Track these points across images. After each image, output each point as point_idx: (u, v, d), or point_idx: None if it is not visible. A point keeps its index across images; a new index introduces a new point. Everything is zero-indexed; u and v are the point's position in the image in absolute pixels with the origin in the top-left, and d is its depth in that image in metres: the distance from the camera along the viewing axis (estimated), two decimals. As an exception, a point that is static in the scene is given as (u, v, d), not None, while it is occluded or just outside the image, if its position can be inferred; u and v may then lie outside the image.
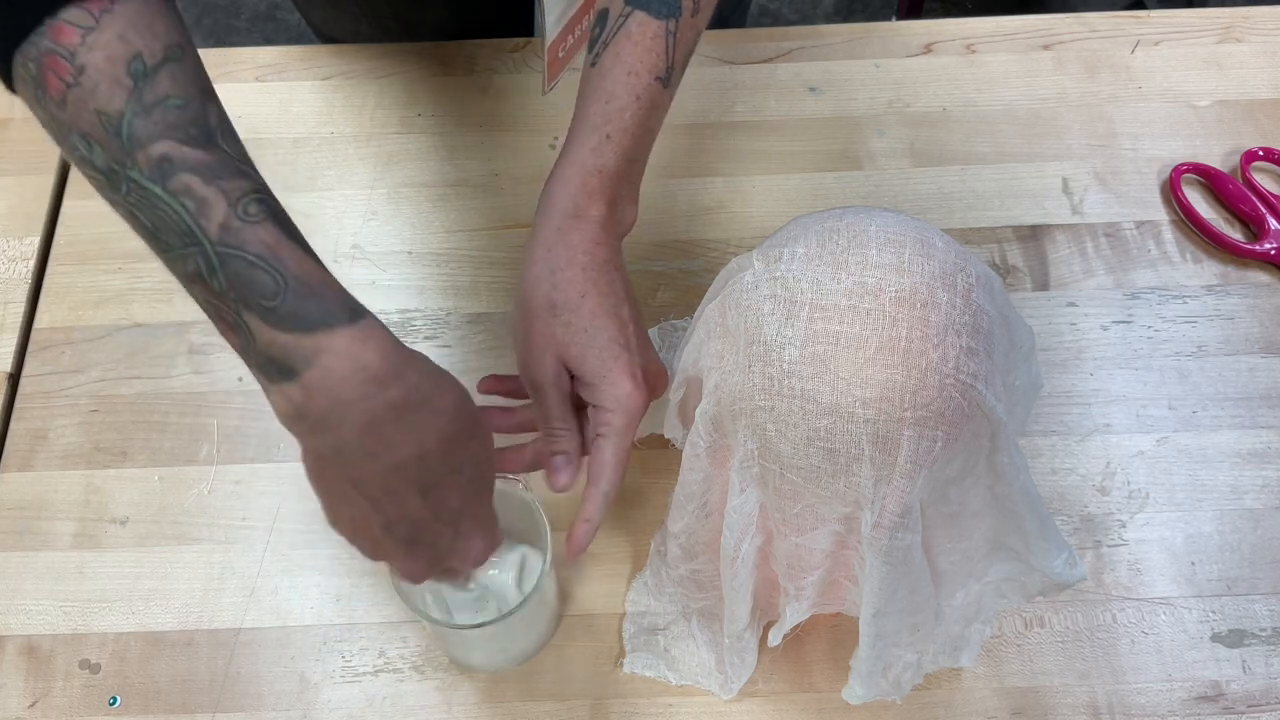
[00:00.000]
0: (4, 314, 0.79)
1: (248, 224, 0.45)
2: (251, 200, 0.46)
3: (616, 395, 0.57)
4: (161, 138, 0.44)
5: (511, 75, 0.89)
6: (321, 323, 0.46)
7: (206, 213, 0.45)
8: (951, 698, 0.66)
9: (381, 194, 0.84)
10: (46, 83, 0.44)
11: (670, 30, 0.58)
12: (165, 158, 0.44)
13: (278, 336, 0.46)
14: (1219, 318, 0.78)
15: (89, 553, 0.71)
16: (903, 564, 0.55)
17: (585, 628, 0.68)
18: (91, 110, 0.44)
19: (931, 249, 0.53)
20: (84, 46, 0.43)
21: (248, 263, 0.45)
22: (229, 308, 0.46)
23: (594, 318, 0.57)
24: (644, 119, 0.59)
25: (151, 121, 0.44)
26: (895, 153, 0.85)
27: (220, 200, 0.45)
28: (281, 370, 0.46)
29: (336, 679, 0.67)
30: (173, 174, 0.44)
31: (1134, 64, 0.89)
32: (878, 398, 0.50)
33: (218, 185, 0.45)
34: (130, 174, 0.44)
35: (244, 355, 0.47)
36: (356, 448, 0.48)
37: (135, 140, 0.44)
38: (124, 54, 0.44)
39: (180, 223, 0.45)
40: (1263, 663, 0.66)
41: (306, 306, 0.46)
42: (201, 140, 0.45)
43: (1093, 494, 0.72)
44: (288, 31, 1.96)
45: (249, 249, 0.45)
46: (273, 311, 0.45)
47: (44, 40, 0.43)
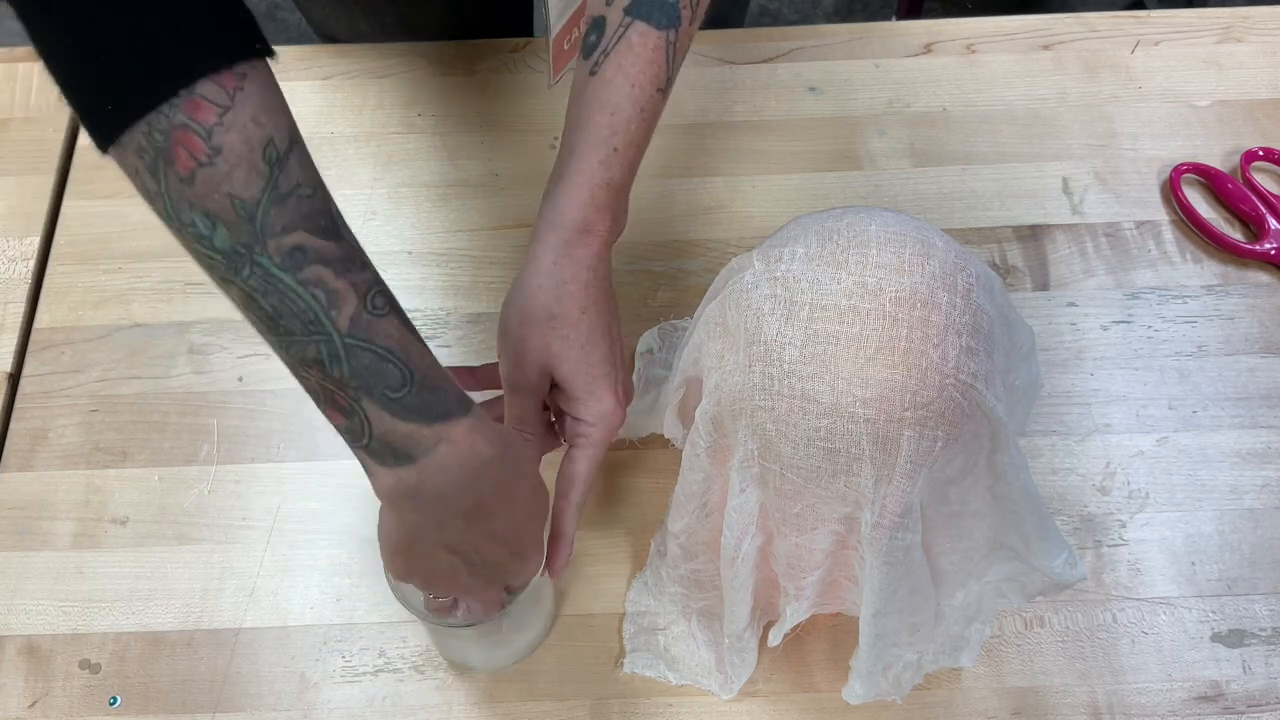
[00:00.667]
0: (4, 314, 0.79)
1: (376, 317, 0.46)
2: (378, 294, 0.47)
3: (600, 411, 0.59)
4: (296, 228, 0.45)
5: (511, 75, 0.89)
6: (444, 414, 0.48)
7: (337, 305, 0.46)
8: (951, 698, 0.66)
9: (381, 194, 0.84)
10: (175, 157, 0.43)
11: (671, 41, 0.58)
12: (299, 248, 0.45)
13: (399, 425, 0.48)
14: (1219, 318, 0.78)
15: (89, 553, 0.71)
16: (903, 564, 0.55)
17: (585, 628, 0.68)
18: (224, 193, 0.43)
19: (931, 249, 0.53)
20: (221, 127, 0.43)
21: (377, 355, 0.46)
22: (346, 395, 0.47)
23: (591, 334, 0.58)
24: (646, 131, 0.59)
25: (286, 210, 0.44)
26: (895, 153, 0.85)
27: (351, 294, 0.46)
28: (398, 456, 0.48)
29: (336, 679, 0.67)
30: (305, 264, 0.45)
31: (1134, 64, 0.89)
32: (878, 398, 0.50)
33: (348, 278, 0.46)
34: (259, 259, 0.44)
35: (351, 437, 0.49)
36: (460, 522, 0.52)
37: (269, 228, 0.44)
38: (259, 138, 0.43)
39: (309, 312, 0.45)
40: (1263, 663, 0.66)
41: (431, 399, 0.48)
42: (330, 231, 0.46)
43: (1093, 494, 0.72)
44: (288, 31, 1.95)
45: (379, 342, 0.47)
46: (398, 402, 0.47)
47: (178, 114, 0.42)
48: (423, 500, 0.50)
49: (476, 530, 0.53)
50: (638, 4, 0.57)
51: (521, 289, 0.58)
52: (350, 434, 0.49)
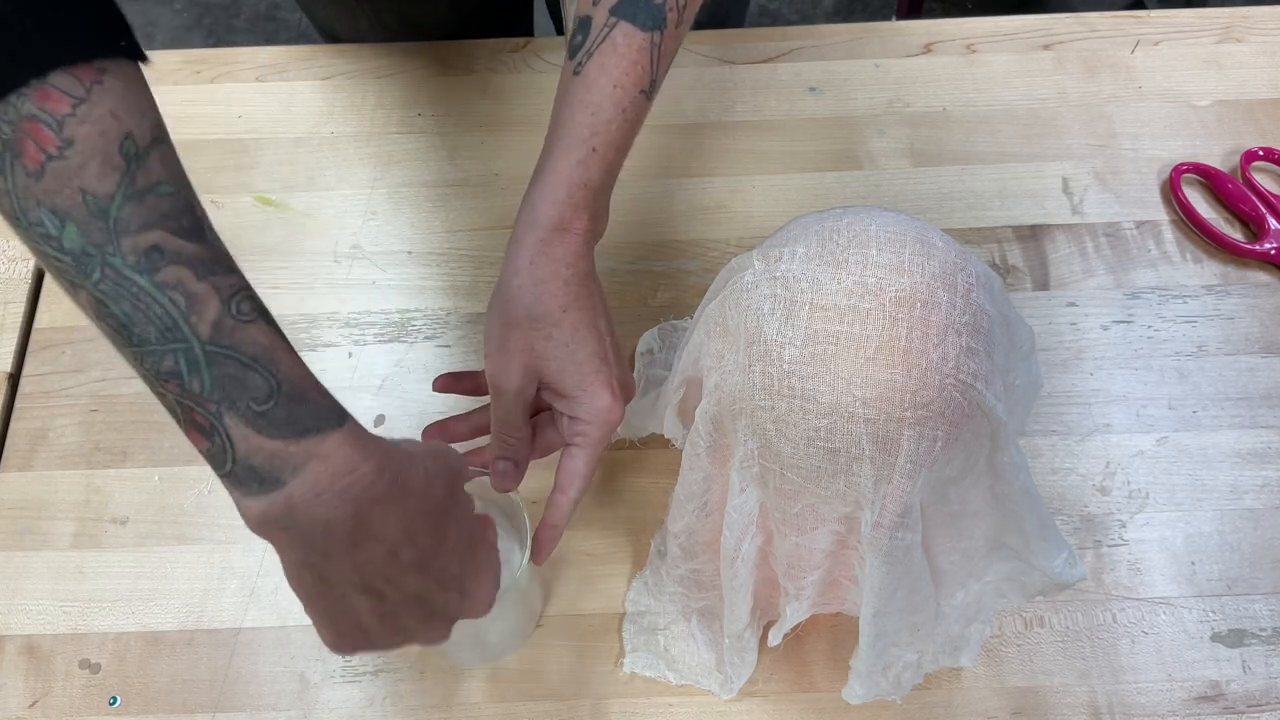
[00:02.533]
0: (4, 314, 0.79)
1: (241, 323, 0.43)
2: (244, 298, 0.43)
3: (596, 408, 0.58)
4: (154, 226, 0.41)
5: (511, 75, 0.89)
6: (314, 428, 0.44)
7: (198, 309, 0.42)
8: (951, 698, 0.66)
9: (381, 194, 0.84)
10: (23, 149, 0.40)
11: (655, 43, 0.57)
12: (156, 248, 0.41)
13: (265, 443, 0.43)
14: (1219, 318, 0.78)
15: (89, 552, 0.71)
16: (903, 564, 0.55)
17: (585, 628, 0.68)
18: (75, 188, 0.40)
19: (931, 249, 0.53)
20: (74, 118, 0.40)
21: (241, 364, 0.43)
22: (206, 411, 0.43)
23: (575, 331, 0.57)
24: (628, 133, 0.58)
25: (144, 207, 0.41)
26: (895, 153, 0.85)
27: (213, 297, 0.42)
28: (262, 480, 0.43)
29: (336, 679, 0.67)
30: (162, 265, 0.41)
31: (1134, 64, 0.89)
32: (878, 397, 0.50)
33: (210, 280, 0.42)
34: (111, 260, 0.41)
35: (213, 462, 0.44)
36: (344, 547, 0.46)
37: (124, 226, 0.41)
38: (116, 132, 0.41)
39: (165, 317, 0.42)
40: (1263, 663, 0.66)
41: (300, 412, 0.44)
42: (192, 232, 0.42)
43: (1093, 494, 0.72)
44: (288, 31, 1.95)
45: (244, 350, 0.43)
46: (263, 415, 0.43)
47: (28, 104, 0.40)
48: (298, 530, 0.44)
49: (374, 557, 0.47)
50: (623, 5, 0.57)
51: (501, 291, 0.58)
52: (212, 459, 0.44)
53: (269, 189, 0.84)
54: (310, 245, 0.82)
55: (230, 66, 0.90)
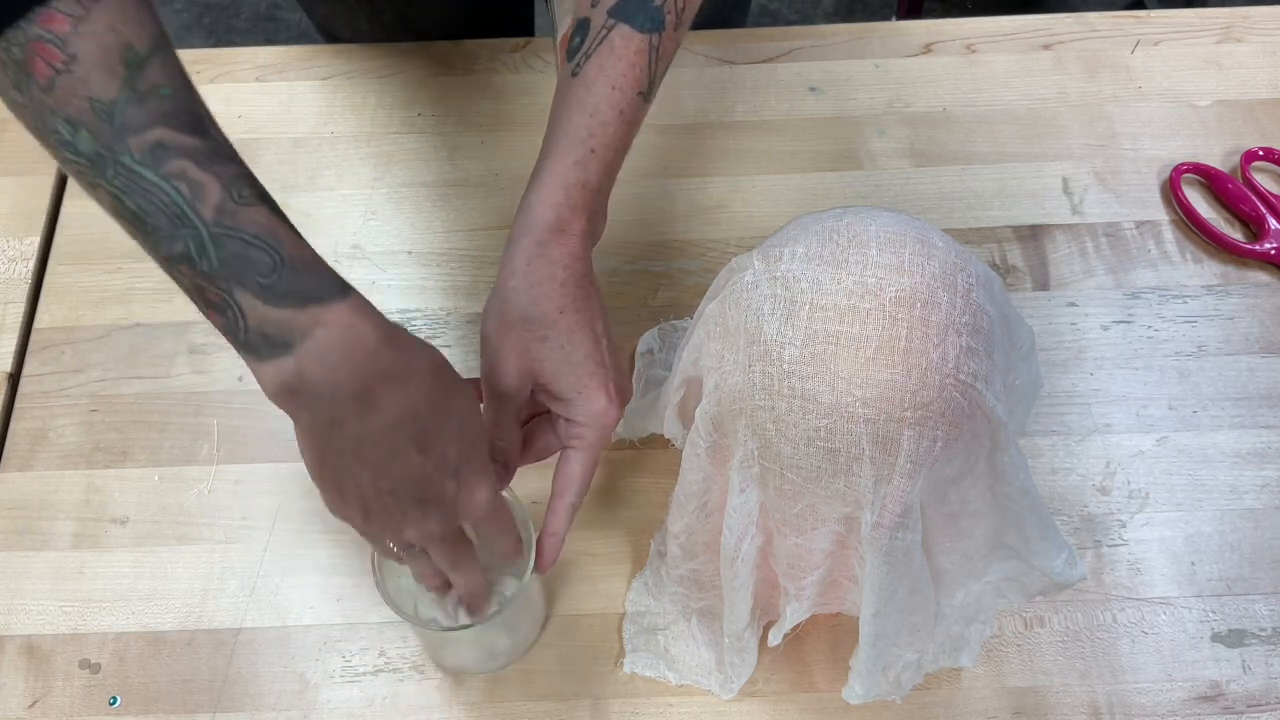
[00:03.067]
0: (4, 314, 0.79)
1: (242, 206, 0.46)
2: (244, 183, 0.47)
3: (592, 411, 0.58)
4: (156, 125, 0.45)
5: (512, 75, 0.89)
6: (317, 297, 0.47)
7: (201, 196, 0.45)
8: (951, 698, 0.66)
9: (381, 194, 0.84)
10: (33, 68, 0.44)
11: (653, 45, 0.57)
12: (159, 143, 0.45)
13: (272, 312, 0.47)
14: (1219, 318, 0.78)
15: (89, 553, 0.71)
16: (903, 564, 0.55)
17: (585, 628, 0.68)
18: (82, 96, 0.44)
19: (931, 249, 0.53)
20: (75, 34, 0.44)
21: (244, 242, 0.46)
22: (217, 288, 0.47)
23: (571, 334, 0.57)
24: (625, 134, 0.58)
25: (145, 109, 0.45)
26: (895, 153, 0.85)
27: (215, 184, 0.46)
28: (274, 345, 0.47)
29: (336, 679, 0.67)
30: (167, 159, 0.45)
31: (1134, 64, 0.89)
32: (878, 397, 0.50)
33: (211, 170, 0.46)
34: (121, 159, 0.45)
35: (229, 334, 0.48)
36: (352, 414, 0.49)
37: (129, 126, 0.45)
38: (116, 43, 0.44)
39: (173, 205, 0.45)
40: (1263, 663, 0.66)
41: (303, 282, 0.47)
42: (193, 127, 0.46)
43: (1093, 494, 0.72)
44: (288, 31, 1.95)
45: (246, 229, 0.46)
46: (269, 288, 0.46)
47: (34, 27, 0.44)
48: (307, 393, 0.48)
49: (377, 425, 0.49)
50: (621, 7, 0.57)
51: (497, 292, 0.58)
52: (227, 331, 0.48)
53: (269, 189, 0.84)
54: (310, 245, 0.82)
55: (230, 66, 0.90)
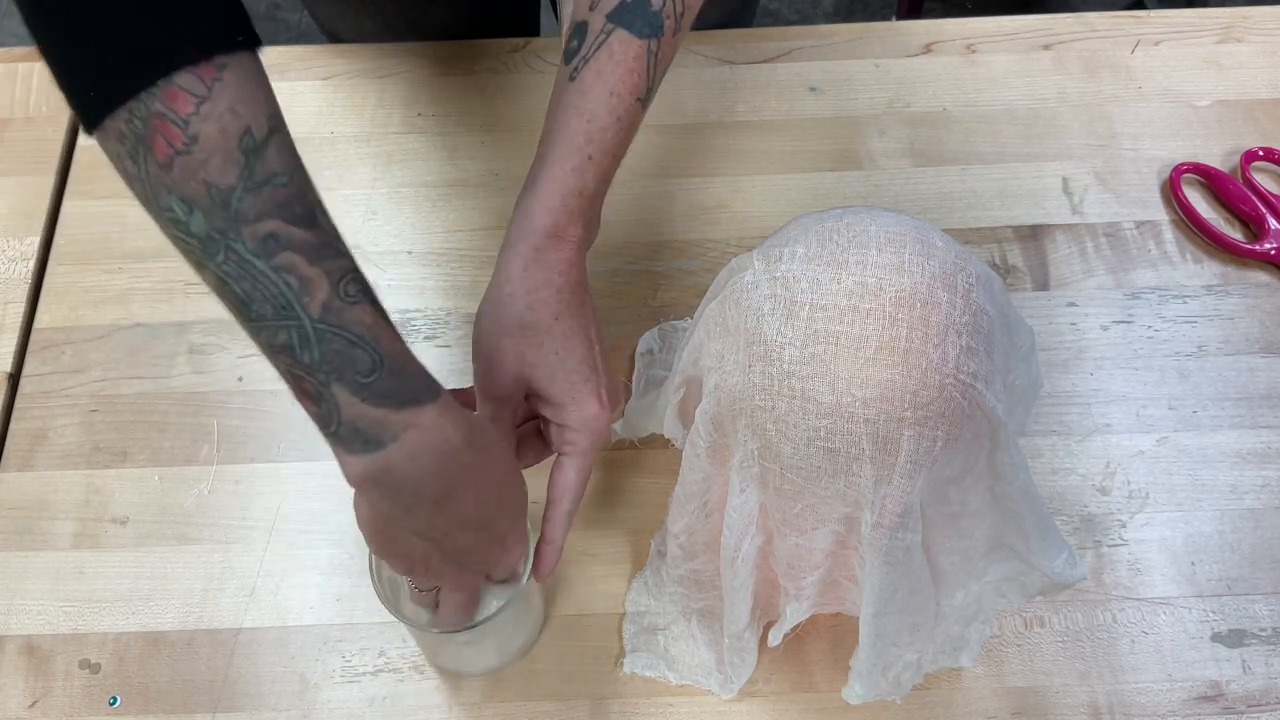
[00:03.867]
0: (4, 314, 0.79)
1: (348, 304, 0.47)
2: (351, 281, 0.47)
3: (584, 417, 0.58)
4: (270, 216, 0.45)
5: (511, 75, 0.89)
6: (413, 400, 0.49)
7: (310, 291, 0.46)
8: (951, 698, 0.66)
9: (382, 194, 0.84)
10: (153, 144, 0.44)
11: (652, 50, 0.57)
12: (272, 235, 0.45)
13: (369, 410, 0.48)
14: (1219, 318, 0.78)
15: (89, 553, 0.71)
16: (903, 564, 0.55)
17: (585, 628, 0.68)
18: (200, 180, 0.44)
19: (931, 249, 0.53)
20: (198, 116, 0.44)
21: (348, 341, 0.47)
22: (315, 380, 0.47)
23: (566, 340, 0.57)
24: (622, 140, 0.58)
25: (261, 199, 0.45)
26: (895, 153, 0.85)
27: (323, 280, 0.46)
28: (366, 441, 0.48)
29: (336, 679, 0.67)
30: (278, 251, 0.46)
31: (1134, 64, 0.89)
32: (878, 397, 0.50)
33: (321, 265, 0.46)
34: (233, 245, 0.45)
35: (321, 423, 0.49)
36: (428, 507, 0.51)
37: (243, 216, 0.45)
38: (236, 128, 0.45)
39: (280, 297, 0.46)
40: (1263, 663, 0.66)
41: (400, 385, 0.48)
42: (305, 219, 0.46)
43: (1093, 494, 0.72)
44: (288, 31, 1.95)
45: (350, 329, 0.47)
46: (367, 388, 0.47)
47: (156, 103, 0.43)
48: (390, 486, 0.50)
49: (445, 516, 0.52)
50: (620, 11, 0.57)
51: (492, 297, 0.58)
52: (320, 420, 0.49)
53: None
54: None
55: (230, 66, 0.90)
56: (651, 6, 0.57)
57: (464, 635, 0.60)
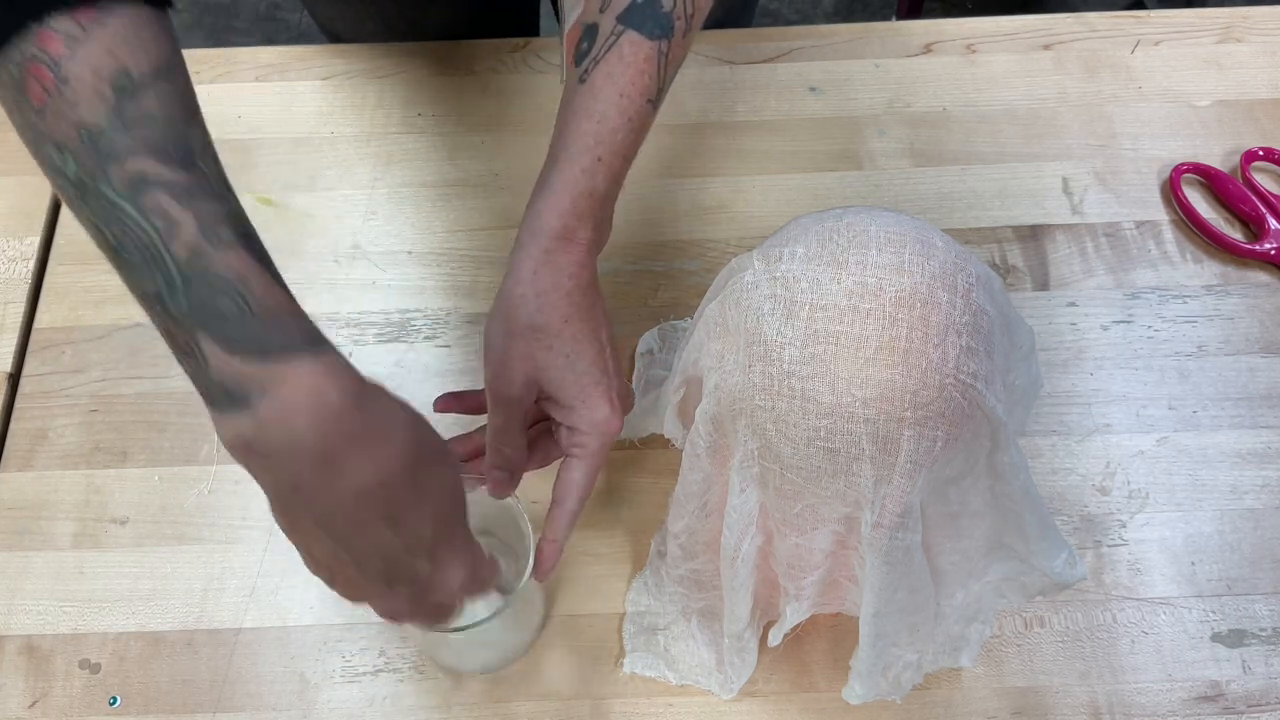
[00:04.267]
0: (4, 314, 0.79)
1: (217, 248, 0.44)
2: (224, 224, 0.45)
3: (594, 419, 0.58)
4: (139, 154, 0.43)
5: (512, 75, 0.89)
6: (281, 350, 0.44)
7: (176, 234, 0.43)
8: (951, 698, 0.66)
9: (381, 194, 0.84)
10: (28, 89, 0.43)
11: (662, 52, 0.57)
12: (140, 175, 0.43)
13: (233, 363, 0.44)
14: (1219, 318, 0.78)
15: (89, 553, 0.71)
16: (903, 564, 0.55)
17: (585, 628, 0.68)
18: (71, 122, 0.43)
19: (931, 249, 0.53)
20: (69, 57, 0.43)
21: (212, 287, 0.44)
22: (184, 331, 0.44)
23: (576, 343, 0.57)
24: (633, 142, 0.58)
25: (131, 137, 0.43)
26: (895, 153, 0.85)
27: (192, 222, 0.44)
28: (233, 399, 0.44)
29: (336, 679, 0.67)
30: (145, 191, 0.43)
31: (1134, 64, 0.89)
32: (878, 397, 0.50)
33: (191, 207, 0.44)
34: (101, 188, 0.43)
35: (195, 381, 0.45)
36: (313, 480, 0.45)
37: (112, 155, 0.43)
38: (110, 68, 0.43)
39: (147, 241, 0.43)
40: (1263, 663, 0.66)
41: (267, 333, 0.44)
42: (180, 160, 0.44)
43: (1093, 494, 0.72)
44: (288, 31, 1.95)
45: (214, 273, 0.44)
46: (232, 337, 0.44)
47: (30, 46, 0.43)
48: (263, 452, 0.44)
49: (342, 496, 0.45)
50: (630, 13, 0.57)
51: (503, 299, 0.57)
52: (192, 377, 0.45)
53: (269, 189, 0.84)
54: (310, 245, 0.82)
55: (230, 66, 0.90)
56: (662, 8, 0.57)
57: (463, 635, 0.60)
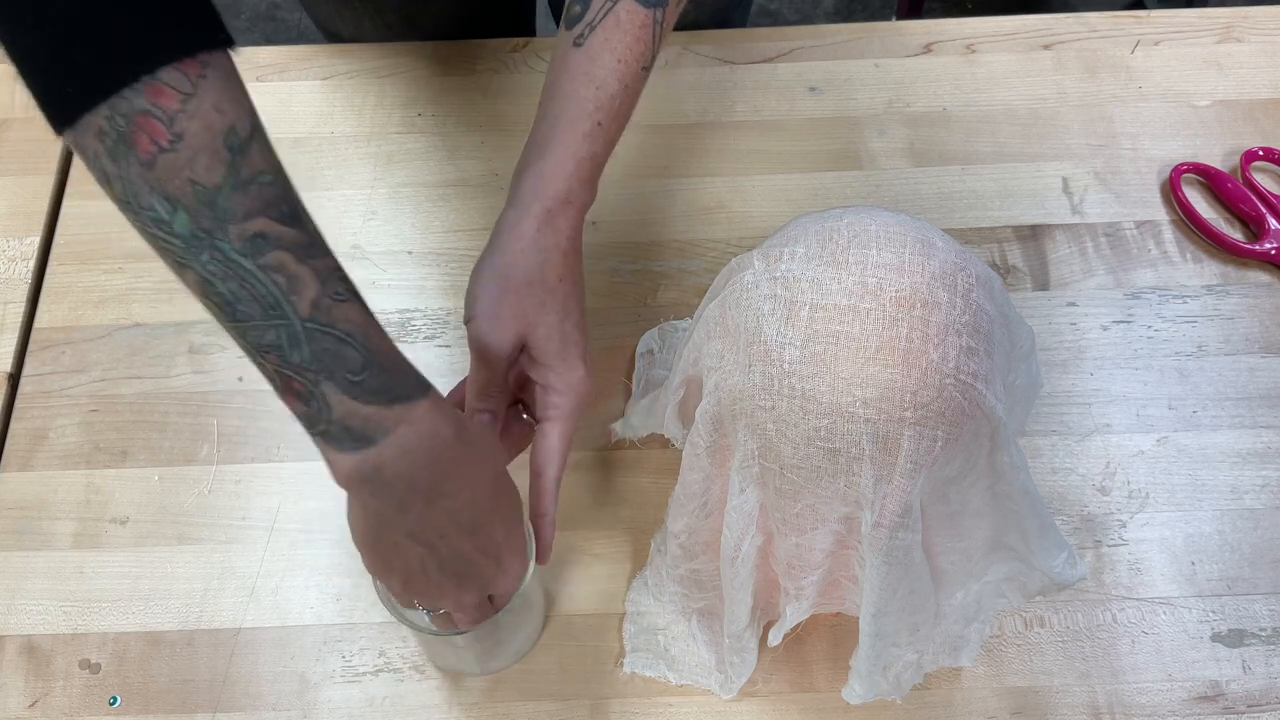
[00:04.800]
0: (4, 314, 0.79)
1: (337, 303, 0.47)
2: (338, 279, 0.48)
3: (570, 379, 0.59)
4: (257, 215, 0.45)
5: (511, 75, 0.89)
6: (404, 396, 0.49)
7: (299, 290, 0.46)
8: (951, 697, 0.66)
9: (381, 194, 0.84)
10: (136, 142, 0.43)
11: (657, 20, 0.59)
12: (260, 234, 0.45)
13: (359, 408, 0.48)
14: (1219, 318, 0.78)
15: (89, 553, 0.71)
16: (903, 564, 0.55)
17: (585, 628, 0.68)
18: (185, 178, 0.44)
19: (931, 249, 0.53)
20: (183, 113, 0.43)
21: (337, 340, 0.47)
22: (304, 379, 0.47)
23: (566, 301, 0.59)
24: (628, 108, 0.60)
25: (248, 198, 0.45)
26: (895, 153, 0.85)
27: (312, 279, 0.46)
28: (356, 439, 0.49)
29: (336, 679, 0.67)
30: (266, 250, 0.45)
31: (1134, 64, 0.89)
32: (878, 397, 0.50)
33: (309, 264, 0.46)
34: (219, 244, 0.45)
35: (309, 423, 0.49)
36: (420, 503, 0.51)
37: (230, 214, 0.45)
38: (221, 125, 0.44)
39: (269, 296, 0.46)
40: (1263, 663, 0.66)
41: (390, 382, 0.49)
42: (292, 218, 0.46)
43: (1093, 494, 0.72)
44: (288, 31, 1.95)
45: (339, 327, 0.47)
46: (358, 385, 0.48)
47: (140, 99, 0.43)
48: (382, 483, 0.50)
49: (439, 512, 0.52)
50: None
51: (501, 255, 0.58)
52: (308, 420, 0.49)
53: (269, 189, 0.84)
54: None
55: (230, 66, 0.90)
56: None
57: (463, 638, 0.60)
